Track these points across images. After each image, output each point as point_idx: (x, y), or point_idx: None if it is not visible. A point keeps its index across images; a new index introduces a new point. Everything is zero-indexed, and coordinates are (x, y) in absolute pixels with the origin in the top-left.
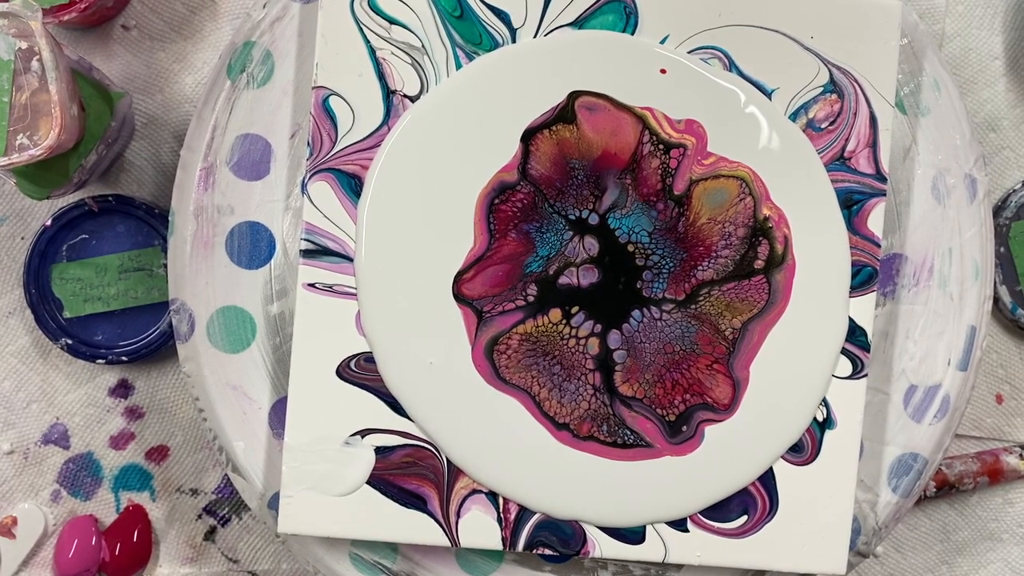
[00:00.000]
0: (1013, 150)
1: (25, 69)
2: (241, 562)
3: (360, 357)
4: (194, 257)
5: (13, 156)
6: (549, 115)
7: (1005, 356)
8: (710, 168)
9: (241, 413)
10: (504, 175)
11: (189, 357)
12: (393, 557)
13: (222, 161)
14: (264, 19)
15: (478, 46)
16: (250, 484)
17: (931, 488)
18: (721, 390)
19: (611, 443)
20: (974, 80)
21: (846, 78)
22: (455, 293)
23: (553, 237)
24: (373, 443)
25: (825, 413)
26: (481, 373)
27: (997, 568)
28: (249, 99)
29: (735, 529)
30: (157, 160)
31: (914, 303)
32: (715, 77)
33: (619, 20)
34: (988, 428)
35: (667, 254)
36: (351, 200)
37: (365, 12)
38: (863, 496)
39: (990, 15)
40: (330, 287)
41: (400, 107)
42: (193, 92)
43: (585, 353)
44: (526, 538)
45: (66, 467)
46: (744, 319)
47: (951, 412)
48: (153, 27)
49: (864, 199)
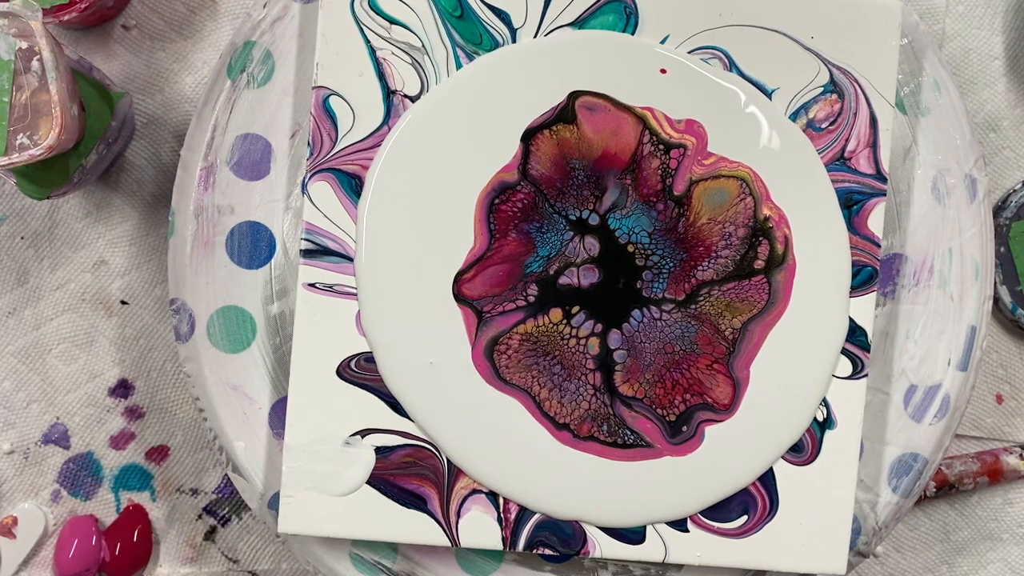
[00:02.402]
0: (1013, 150)
1: (25, 69)
2: (241, 562)
3: (360, 357)
4: (194, 257)
5: (13, 156)
6: (549, 115)
7: (1005, 356)
8: (710, 168)
9: (241, 413)
10: (504, 175)
11: (189, 357)
12: (393, 557)
13: (222, 161)
14: (264, 19)
15: (478, 46)
16: (250, 484)
17: (931, 488)
18: (721, 390)
19: (611, 443)
20: (974, 80)
21: (846, 78)
22: (455, 293)
23: (553, 237)
24: (373, 443)
25: (825, 413)
26: (481, 373)
27: (997, 568)
28: (249, 99)
29: (735, 529)
30: (157, 160)
31: (914, 303)
32: (715, 77)
33: (619, 20)
34: (988, 428)
35: (667, 254)
36: (351, 200)
37: (365, 12)
38: (863, 496)
39: (990, 15)
40: (330, 287)
41: (400, 107)
42: (193, 92)
43: (585, 353)
44: (526, 538)
45: (66, 467)
46: (744, 319)
47: (951, 412)
48: (153, 27)
49: (864, 199)
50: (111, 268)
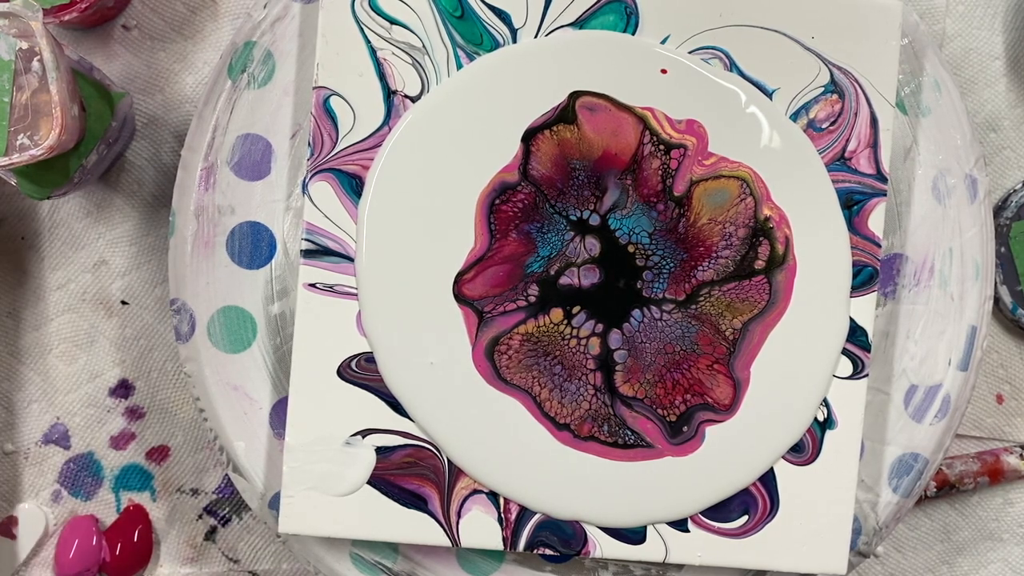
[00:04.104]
0: (1014, 150)
1: (26, 69)
2: (242, 562)
3: (361, 357)
4: (195, 257)
5: (14, 156)
6: (550, 115)
7: (1005, 356)
8: (711, 168)
9: (242, 413)
10: (505, 175)
11: (190, 357)
12: (394, 557)
13: (223, 161)
14: (265, 19)
15: (479, 46)
16: (251, 484)
17: (931, 488)
18: (722, 390)
19: (612, 443)
20: (975, 80)
21: (847, 78)
22: (456, 293)
23: (554, 237)
24: (374, 443)
25: (826, 413)
26: (482, 373)
27: (997, 568)
28: (250, 99)
29: (736, 529)
30: (158, 160)
31: (915, 303)
32: (716, 77)
33: (620, 20)
34: (988, 428)
35: (667, 254)
36: (352, 200)
37: (366, 12)
38: (864, 496)
39: (990, 15)
40: (331, 287)
41: (401, 107)
42: (194, 92)
43: (586, 353)
44: (527, 538)
45: (67, 467)
46: (745, 319)
47: (952, 412)
48: (154, 27)
49: (865, 199)
50: (111, 268)
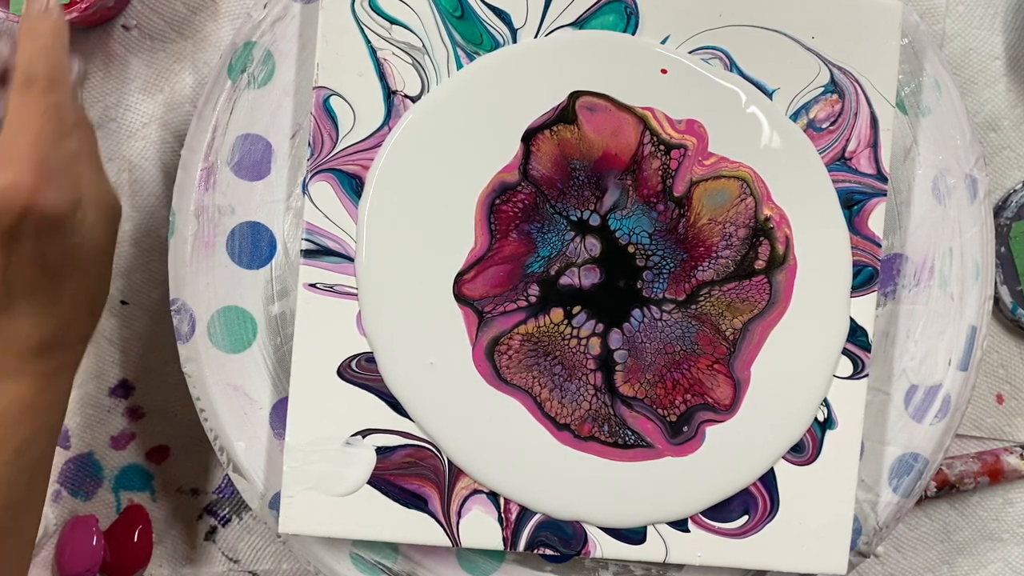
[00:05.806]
0: (1013, 150)
1: None
2: (242, 562)
3: (361, 357)
4: (195, 257)
5: None
6: (550, 115)
7: (1005, 356)
8: (711, 168)
9: (242, 413)
10: (505, 175)
11: (190, 357)
12: (394, 557)
13: (223, 161)
14: (265, 19)
15: (479, 46)
16: (251, 484)
17: (932, 488)
18: (722, 390)
19: (612, 443)
20: (975, 80)
21: (847, 78)
22: (456, 293)
23: (554, 237)
24: (374, 443)
25: (826, 413)
26: (482, 373)
27: (997, 568)
28: (250, 99)
29: (736, 529)
30: (158, 160)
31: (915, 303)
32: (716, 77)
33: (620, 20)
34: (988, 428)
35: (667, 255)
36: (352, 200)
37: (366, 12)
38: (864, 496)
39: (990, 15)
40: (331, 287)
41: (401, 107)
42: (194, 92)
43: (586, 353)
44: (527, 538)
45: (67, 467)
46: (745, 319)
47: (952, 412)
48: (153, 27)
49: (865, 199)
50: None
